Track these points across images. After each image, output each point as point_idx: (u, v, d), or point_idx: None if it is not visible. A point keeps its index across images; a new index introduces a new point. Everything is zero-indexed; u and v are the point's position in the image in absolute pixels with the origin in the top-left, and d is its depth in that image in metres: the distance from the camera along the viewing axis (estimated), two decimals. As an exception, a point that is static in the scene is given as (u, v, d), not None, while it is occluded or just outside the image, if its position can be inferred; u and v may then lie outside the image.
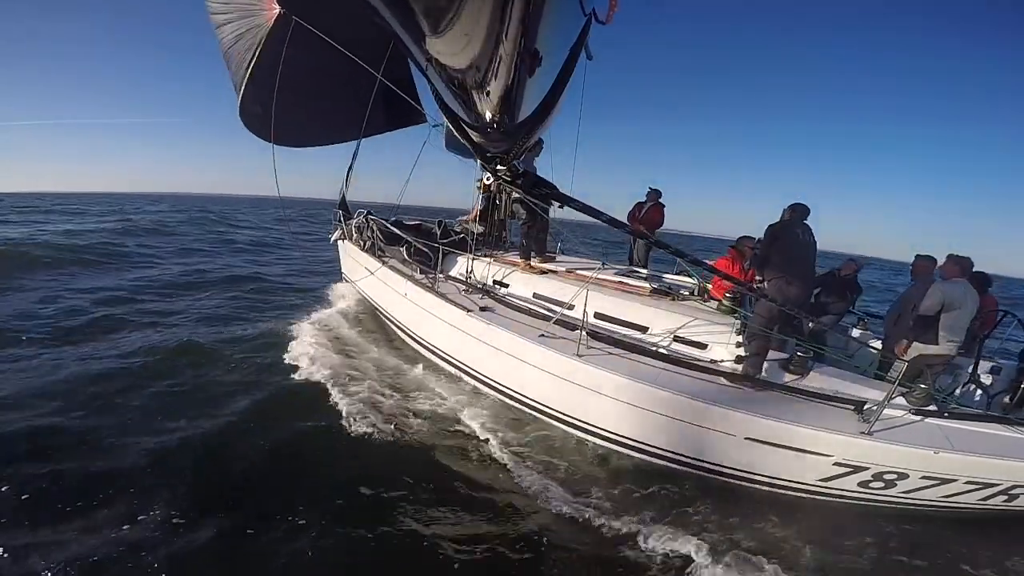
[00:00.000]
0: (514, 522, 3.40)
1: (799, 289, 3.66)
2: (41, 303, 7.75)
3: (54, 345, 5.96)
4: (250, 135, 6.18)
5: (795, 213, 3.88)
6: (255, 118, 5.92)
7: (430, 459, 4.02)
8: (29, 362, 5.38)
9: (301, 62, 5.02)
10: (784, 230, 3.83)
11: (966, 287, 3.77)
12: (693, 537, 3.24)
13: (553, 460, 4.03)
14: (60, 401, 4.51)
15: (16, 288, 8.63)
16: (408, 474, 3.76)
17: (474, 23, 1.38)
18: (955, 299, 3.69)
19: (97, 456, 3.75)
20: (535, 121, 2.14)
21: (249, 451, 3.98)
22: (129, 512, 3.20)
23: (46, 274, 9.94)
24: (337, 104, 6.44)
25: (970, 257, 3.98)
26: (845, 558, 3.22)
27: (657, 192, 6.56)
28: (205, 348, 6.04)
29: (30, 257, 11.11)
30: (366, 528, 3.20)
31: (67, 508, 3.20)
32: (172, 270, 11.40)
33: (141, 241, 16.03)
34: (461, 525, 3.35)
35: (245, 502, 3.40)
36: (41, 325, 6.65)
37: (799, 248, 3.76)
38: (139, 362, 5.50)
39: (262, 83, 5.38)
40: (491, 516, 3.45)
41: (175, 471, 3.63)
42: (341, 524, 3.23)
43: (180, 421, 4.33)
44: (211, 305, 8.38)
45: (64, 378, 5.00)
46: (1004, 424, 3.38)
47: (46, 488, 3.36)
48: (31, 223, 18.81)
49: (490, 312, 4.58)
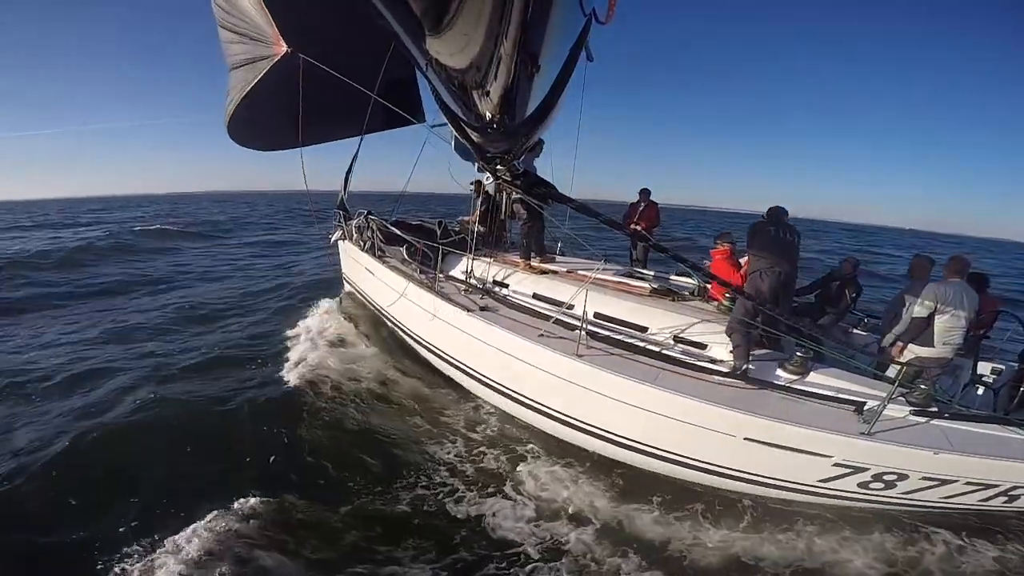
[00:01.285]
0: (510, 522, 3.40)
1: (771, 282, 3.80)
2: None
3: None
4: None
5: (770, 215, 4.16)
6: (244, 124, 6.03)
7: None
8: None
9: (306, 87, 5.12)
10: (760, 229, 4.04)
11: (961, 288, 3.73)
12: (693, 537, 3.23)
13: (553, 460, 4.04)
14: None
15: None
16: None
17: (474, 23, 1.37)
18: (948, 301, 3.64)
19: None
20: (535, 121, 2.14)
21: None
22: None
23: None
24: (337, 106, 6.46)
25: (966, 258, 3.95)
26: (845, 558, 3.22)
27: (647, 192, 6.59)
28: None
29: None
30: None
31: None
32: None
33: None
34: (456, 522, 3.36)
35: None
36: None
37: (771, 245, 3.93)
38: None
39: (257, 102, 5.52)
40: (480, 515, 3.45)
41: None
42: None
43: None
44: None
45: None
46: (1004, 425, 3.38)
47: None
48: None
49: (490, 312, 4.58)
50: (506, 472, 3.90)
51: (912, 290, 4.04)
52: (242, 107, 5.72)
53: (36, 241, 16.89)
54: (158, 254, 14.83)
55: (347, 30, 4.96)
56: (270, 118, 5.68)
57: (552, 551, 3.17)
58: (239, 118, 5.94)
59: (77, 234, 18.80)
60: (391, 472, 3.89)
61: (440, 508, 3.51)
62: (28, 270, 11.55)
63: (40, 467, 3.69)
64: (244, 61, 5.37)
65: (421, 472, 3.89)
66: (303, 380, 5.18)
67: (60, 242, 16.20)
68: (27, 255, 13.29)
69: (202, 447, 4.07)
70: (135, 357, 5.98)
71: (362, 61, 5.28)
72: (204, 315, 8.03)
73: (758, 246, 3.98)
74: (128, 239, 17.18)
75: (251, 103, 5.59)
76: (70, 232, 20.03)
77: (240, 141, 6.42)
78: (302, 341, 6.21)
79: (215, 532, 3.10)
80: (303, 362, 5.59)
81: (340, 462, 3.96)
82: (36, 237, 18.40)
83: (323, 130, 7.25)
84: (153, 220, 25.82)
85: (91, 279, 11.00)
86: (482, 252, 5.88)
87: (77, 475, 3.65)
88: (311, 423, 4.46)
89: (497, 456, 4.13)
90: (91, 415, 4.49)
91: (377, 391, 5.10)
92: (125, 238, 17.33)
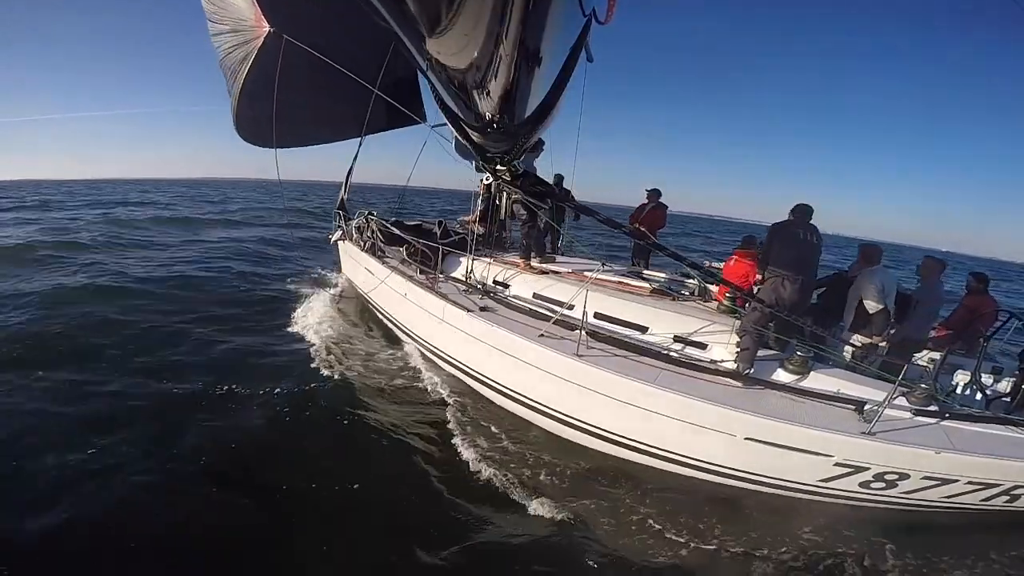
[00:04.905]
0: (507, 522, 3.40)
1: (793, 291, 3.63)
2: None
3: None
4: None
5: (797, 214, 3.88)
6: (250, 122, 5.98)
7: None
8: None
9: (296, 72, 5.07)
10: (784, 230, 3.82)
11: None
12: (692, 537, 3.23)
13: (553, 460, 4.04)
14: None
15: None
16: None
17: (474, 23, 1.38)
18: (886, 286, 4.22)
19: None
20: (535, 121, 2.14)
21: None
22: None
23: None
24: (336, 104, 6.46)
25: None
26: (846, 558, 3.22)
27: (657, 192, 6.54)
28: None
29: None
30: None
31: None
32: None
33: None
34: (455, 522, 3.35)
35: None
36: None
37: (798, 249, 3.74)
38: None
39: (256, 94, 5.45)
40: (477, 516, 3.44)
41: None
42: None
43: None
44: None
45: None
46: (1006, 424, 3.37)
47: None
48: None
49: (490, 312, 4.58)
50: (506, 472, 3.89)
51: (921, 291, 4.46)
52: (244, 104, 5.69)
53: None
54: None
55: (344, 25, 4.92)
56: (271, 112, 5.54)
57: (552, 551, 3.17)
58: (244, 116, 5.91)
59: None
60: (384, 468, 3.88)
61: (440, 508, 3.50)
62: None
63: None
64: (232, 48, 5.29)
65: (419, 472, 3.88)
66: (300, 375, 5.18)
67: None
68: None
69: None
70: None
71: (362, 62, 5.27)
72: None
73: (783, 249, 3.74)
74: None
75: (251, 97, 5.54)
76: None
77: (250, 139, 6.32)
78: (302, 341, 6.20)
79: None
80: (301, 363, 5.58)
81: (338, 462, 3.95)
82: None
83: (326, 129, 7.26)
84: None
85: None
86: (482, 252, 5.88)
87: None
88: (302, 423, 4.45)
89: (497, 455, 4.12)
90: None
91: (375, 390, 5.10)
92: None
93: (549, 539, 3.26)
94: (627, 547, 3.20)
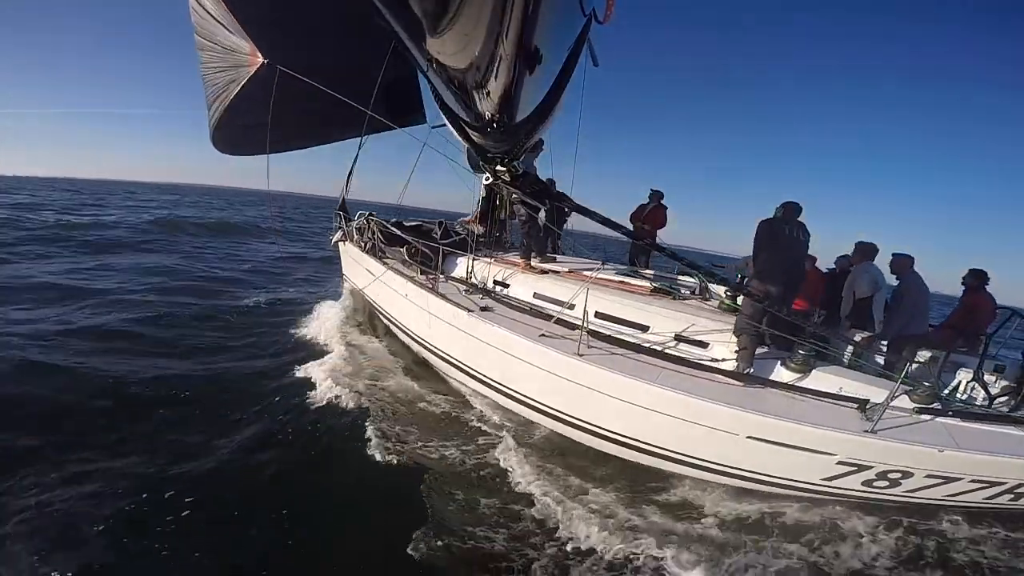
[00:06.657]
0: (505, 522, 3.40)
1: (779, 285, 3.71)
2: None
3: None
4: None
5: (786, 211, 3.96)
6: (233, 133, 6.02)
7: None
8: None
9: (288, 93, 5.08)
10: (771, 226, 3.90)
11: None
12: (694, 537, 3.22)
13: (554, 459, 4.03)
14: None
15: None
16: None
17: (474, 23, 1.37)
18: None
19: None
20: (535, 121, 2.14)
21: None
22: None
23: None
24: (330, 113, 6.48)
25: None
26: (849, 558, 3.21)
27: (659, 193, 6.54)
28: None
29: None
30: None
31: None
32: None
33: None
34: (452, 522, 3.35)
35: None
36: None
37: (784, 245, 3.82)
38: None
39: (243, 110, 5.51)
40: (476, 514, 3.44)
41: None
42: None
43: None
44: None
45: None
46: (1008, 423, 3.37)
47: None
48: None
49: (491, 312, 4.58)
50: (506, 472, 3.89)
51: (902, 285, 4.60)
52: (226, 119, 5.72)
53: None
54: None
55: (333, 34, 4.94)
56: (257, 123, 5.59)
57: (551, 551, 3.16)
58: (224, 128, 5.92)
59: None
60: (388, 469, 3.88)
61: (438, 508, 3.50)
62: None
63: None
64: (221, 69, 5.33)
65: (418, 471, 3.88)
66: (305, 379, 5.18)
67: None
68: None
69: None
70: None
71: (354, 65, 5.24)
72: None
73: (771, 245, 3.84)
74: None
75: (235, 114, 5.58)
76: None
77: (227, 151, 6.42)
78: (302, 340, 6.20)
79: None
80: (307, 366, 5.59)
81: (335, 460, 3.96)
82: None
83: (318, 131, 7.23)
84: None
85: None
86: (482, 252, 5.88)
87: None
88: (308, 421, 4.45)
89: (497, 457, 4.11)
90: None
91: (375, 391, 5.09)
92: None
93: (547, 538, 3.25)
94: (626, 547, 3.19)
